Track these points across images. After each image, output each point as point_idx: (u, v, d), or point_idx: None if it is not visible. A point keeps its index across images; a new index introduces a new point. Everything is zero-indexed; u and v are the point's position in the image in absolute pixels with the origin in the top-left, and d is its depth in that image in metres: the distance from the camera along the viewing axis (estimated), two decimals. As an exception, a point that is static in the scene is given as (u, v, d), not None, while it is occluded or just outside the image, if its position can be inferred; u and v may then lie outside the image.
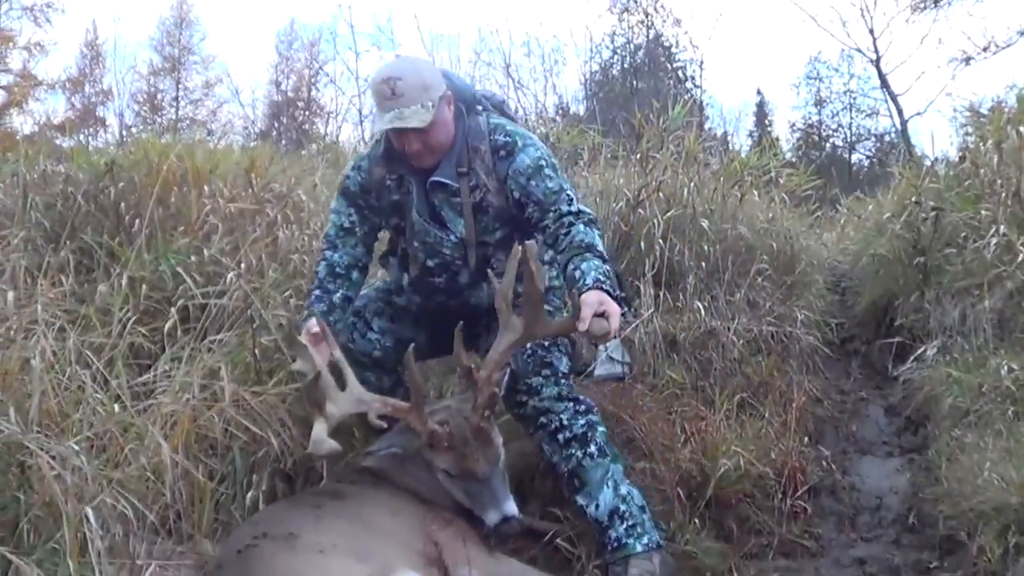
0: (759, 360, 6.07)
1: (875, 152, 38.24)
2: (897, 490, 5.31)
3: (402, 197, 4.46)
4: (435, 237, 4.42)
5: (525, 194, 4.32)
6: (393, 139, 4.32)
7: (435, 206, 4.40)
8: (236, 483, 4.22)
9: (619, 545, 4.15)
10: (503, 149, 4.39)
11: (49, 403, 3.66)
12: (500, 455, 3.96)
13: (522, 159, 4.35)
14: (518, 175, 4.33)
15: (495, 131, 4.44)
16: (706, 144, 8.26)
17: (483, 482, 3.86)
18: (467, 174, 4.36)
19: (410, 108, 4.11)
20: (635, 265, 6.55)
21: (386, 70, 4.30)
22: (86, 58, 39.68)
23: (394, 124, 4.13)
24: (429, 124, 4.15)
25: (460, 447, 3.88)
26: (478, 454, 3.87)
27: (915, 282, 6.92)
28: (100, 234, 5.34)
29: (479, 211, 4.40)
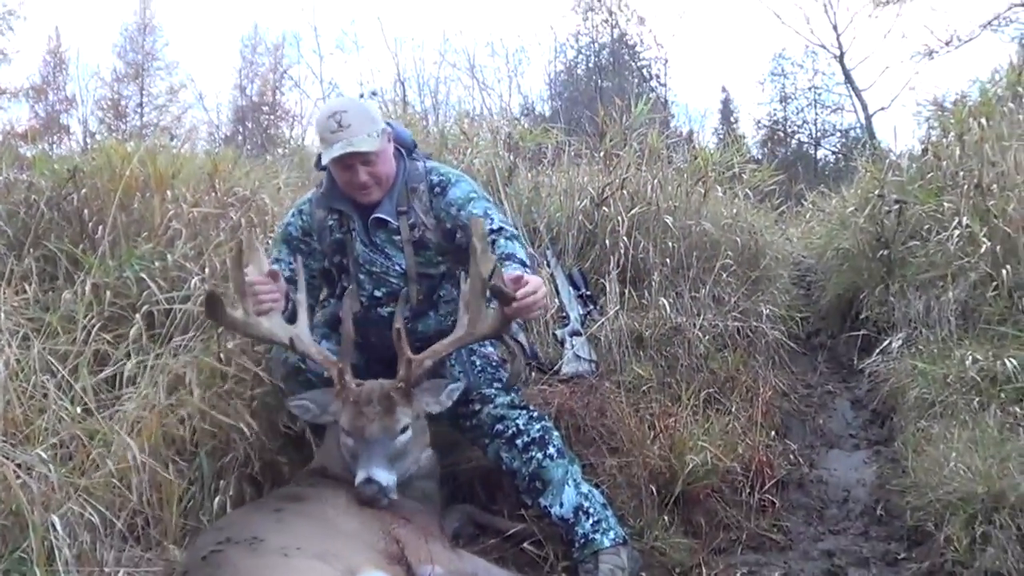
0: (725, 356, 6.10)
1: (840, 147, 38.33)
2: (864, 482, 5.33)
3: (344, 235, 4.56)
4: (381, 266, 4.55)
5: (455, 223, 4.49)
6: (338, 175, 4.43)
7: (376, 243, 4.55)
8: (204, 488, 4.21)
9: (587, 541, 4.17)
10: (438, 187, 4.60)
11: (14, 411, 3.67)
12: (397, 429, 3.96)
13: (454, 192, 4.56)
14: (450, 206, 4.52)
15: (431, 172, 4.66)
16: (670, 142, 8.24)
17: (367, 443, 3.90)
18: (406, 212, 4.54)
19: (358, 136, 4.27)
20: (600, 263, 6.59)
21: (330, 107, 4.44)
22: (49, 65, 39.46)
23: (346, 149, 4.24)
24: (377, 151, 4.34)
25: (362, 404, 3.96)
26: (374, 415, 3.93)
27: (879, 275, 7.00)
28: (64, 241, 5.30)
29: (420, 247, 4.56)
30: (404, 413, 3.99)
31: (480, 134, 8.00)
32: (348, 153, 4.24)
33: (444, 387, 4.17)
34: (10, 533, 3.31)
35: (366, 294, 4.54)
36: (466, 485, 4.84)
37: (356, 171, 4.32)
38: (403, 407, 4.00)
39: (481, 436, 4.43)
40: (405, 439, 3.98)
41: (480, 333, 4.08)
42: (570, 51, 37.03)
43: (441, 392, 4.15)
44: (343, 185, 4.44)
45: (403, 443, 3.98)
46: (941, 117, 9.07)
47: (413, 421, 4.02)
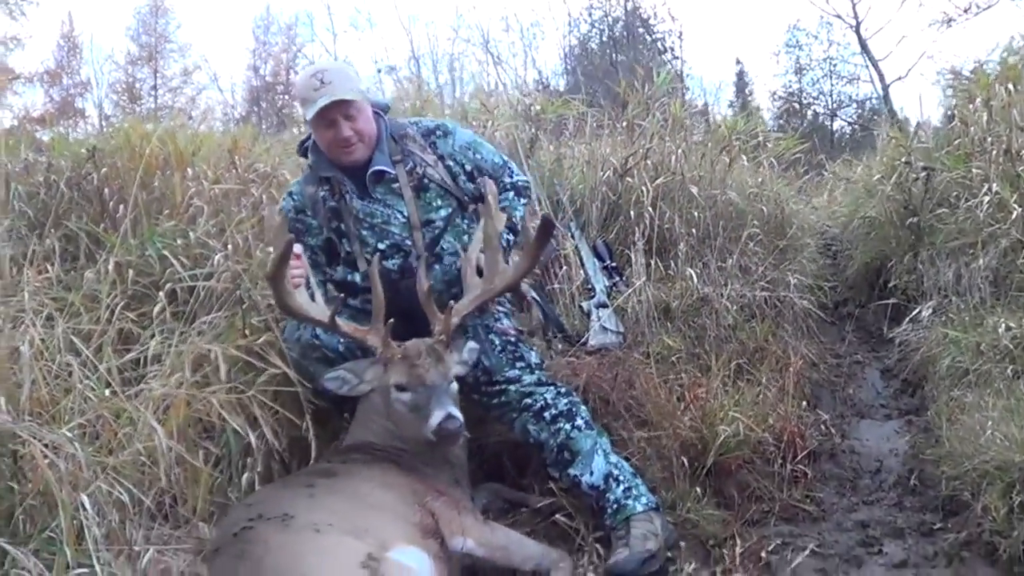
0: (753, 326, 6.04)
1: (857, 118, 38.12)
2: (897, 452, 5.27)
3: (338, 202, 4.57)
4: (382, 215, 4.57)
5: (476, 167, 4.69)
6: (322, 136, 4.50)
7: (376, 198, 4.58)
8: (231, 466, 4.18)
9: (619, 507, 4.18)
10: (438, 130, 4.75)
11: (40, 391, 3.63)
12: (451, 374, 4.03)
13: (461, 136, 4.77)
14: (465, 150, 4.71)
15: (417, 122, 4.83)
16: (689, 113, 8.17)
17: (430, 389, 3.93)
18: (401, 160, 4.60)
19: (340, 90, 4.35)
20: (625, 234, 6.53)
21: (311, 69, 4.61)
22: (63, 50, 39.46)
23: (331, 98, 4.30)
24: (359, 106, 4.44)
25: (413, 358, 4.01)
26: (429, 365, 3.98)
27: (907, 243, 6.92)
28: (84, 221, 5.28)
29: (421, 189, 4.61)
30: (449, 358, 4.06)
31: (500, 107, 7.91)
32: (332, 103, 4.30)
33: (464, 345, 4.22)
34: (39, 513, 3.27)
35: (370, 249, 4.53)
36: (494, 459, 4.82)
37: (339, 126, 4.39)
38: (447, 354, 4.06)
39: (508, 412, 4.43)
40: (455, 388, 4.04)
41: (500, 286, 4.19)
42: (583, 25, 36.86)
43: (463, 351, 4.20)
44: (327, 146, 4.50)
45: (455, 391, 4.03)
46: (963, 84, 8.96)
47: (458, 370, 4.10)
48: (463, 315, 4.20)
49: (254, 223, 5.21)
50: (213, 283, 4.79)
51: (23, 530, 3.24)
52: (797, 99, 39.87)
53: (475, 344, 4.26)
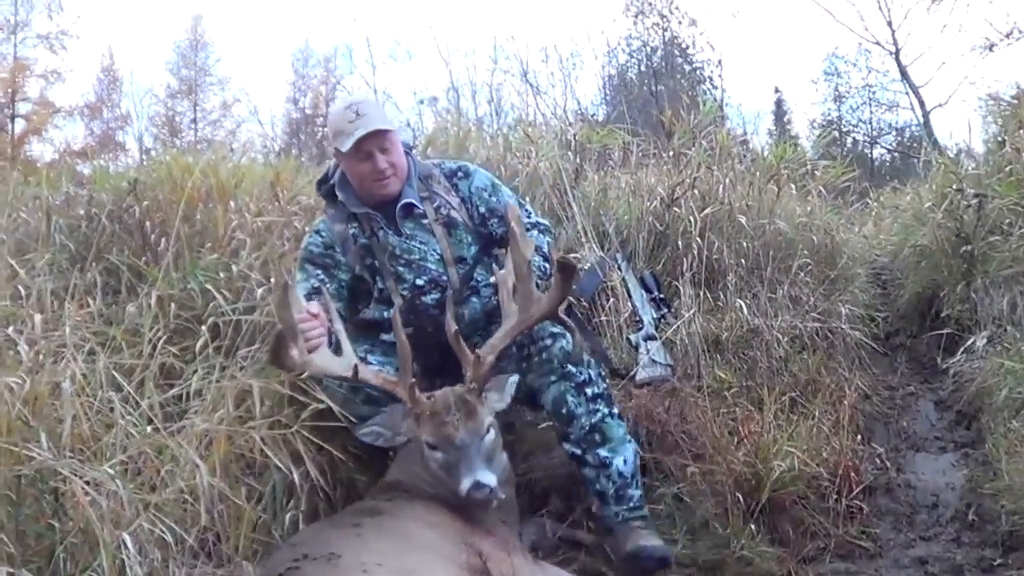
0: (805, 358, 5.93)
1: (897, 146, 38.03)
2: (954, 486, 5.14)
3: (369, 240, 4.56)
4: (419, 252, 4.56)
5: (489, 209, 4.68)
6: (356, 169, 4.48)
7: (407, 233, 4.56)
8: (275, 503, 4.09)
9: (637, 506, 4.27)
10: (459, 171, 4.78)
11: (81, 427, 3.56)
12: (483, 429, 3.87)
13: (479, 179, 4.76)
14: (481, 191, 4.71)
15: (441, 163, 4.87)
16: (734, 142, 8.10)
17: (460, 449, 3.79)
18: (428, 197, 4.63)
19: (376, 121, 4.37)
20: (673, 265, 6.44)
21: (344, 101, 4.75)
22: (103, 83, 39.88)
23: (368, 128, 4.31)
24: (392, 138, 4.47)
25: (442, 415, 3.87)
26: (458, 423, 3.83)
27: (960, 271, 6.79)
28: (126, 254, 5.25)
29: (449, 226, 4.61)
30: (484, 413, 3.91)
31: (544, 136, 7.84)
32: (370, 136, 4.29)
33: (506, 383, 4.09)
34: (80, 552, 3.20)
35: (407, 285, 4.51)
36: (541, 495, 4.75)
37: (376, 158, 4.39)
38: (481, 407, 3.92)
39: (548, 372, 4.33)
40: (492, 439, 3.89)
41: (535, 316, 4.05)
42: (622, 55, 36.95)
43: (504, 388, 4.08)
44: (361, 179, 4.48)
45: (490, 443, 3.88)
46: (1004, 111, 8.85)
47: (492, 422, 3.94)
48: (498, 351, 4.09)
49: (296, 256, 5.14)
50: (255, 316, 4.72)
51: (64, 570, 3.17)
52: (836, 127, 39.81)
53: (515, 377, 4.15)
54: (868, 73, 39.86)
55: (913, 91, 32.96)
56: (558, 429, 4.39)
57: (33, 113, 33.26)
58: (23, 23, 33.59)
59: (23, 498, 3.24)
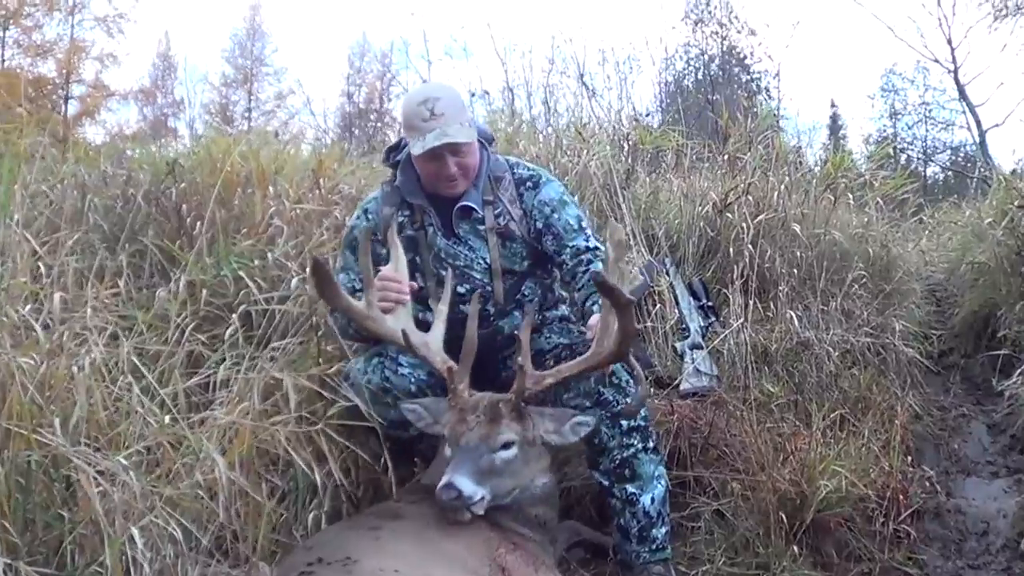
0: (855, 373, 5.77)
1: (951, 164, 37.82)
2: (1006, 513, 4.97)
3: (416, 232, 4.38)
4: (465, 259, 4.38)
5: (546, 224, 4.39)
6: (424, 167, 4.27)
7: (459, 235, 4.38)
8: (297, 502, 3.96)
9: (660, 547, 4.12)
10: (529, 181, 4.49)
11: (98, 414, 3.45)
12: (497, 442, 3.67)
13: (547, 191, 4.45)
14: (543, 205, 4.41)
15: (516, 166, 4.56)
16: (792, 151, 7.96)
17: (460, 449, 3.64)
18: (492, 202, 4.40)
19: (452, 126, 4.11)
20: (722, 272, 6.32)
21: (421, 93, 4.31)
22: (158, 69, 40.17)
23: (441, 140, 4.07)
24: (470, 142, 4.23)
25: (467, 412, 3.74)
26: (474, 424, 3.69)
27: (1019, 291, 6.66)
28: (160, 237, 5.14)
29: (505, 237, 4.40)
30: (509, 428, 3.71)
31: (596, 136, 7.70)
32: (442, 145, 4.07)
33: (569, 418, 3.86)
34: (89, 543, 3.10)
35: (447, 293, 4.28)
36: (576, 503, 4.63)
37: (446, 162, 4.16)
38: (510, 422, 3.72)
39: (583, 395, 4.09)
40: (506, 456, 3.69)
41: (607, 356, 3.78)
42: (679, 62, 36.84)
43: (565, 423, 3.84)
44: (428, 177, 4.28)
45: (502, 460, 3.68)
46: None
47: (521, 442, 3.73)
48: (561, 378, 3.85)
49: (335, 246, 5.00)
50: (289, 307, 4.61)
51: (71, 562, 3.07)
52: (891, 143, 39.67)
53: (587, 419, 3.88)
54: (925, 91, 39.74)
55: (970, 110, 32.72)
56: (588, 456, 4.25)
57: (87, 95, 33.49)
58: (81, 4, 33.82)
59: (33, 485, 3.14)
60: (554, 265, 4.47)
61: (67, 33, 33.76)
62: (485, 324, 4.22)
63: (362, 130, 34.83)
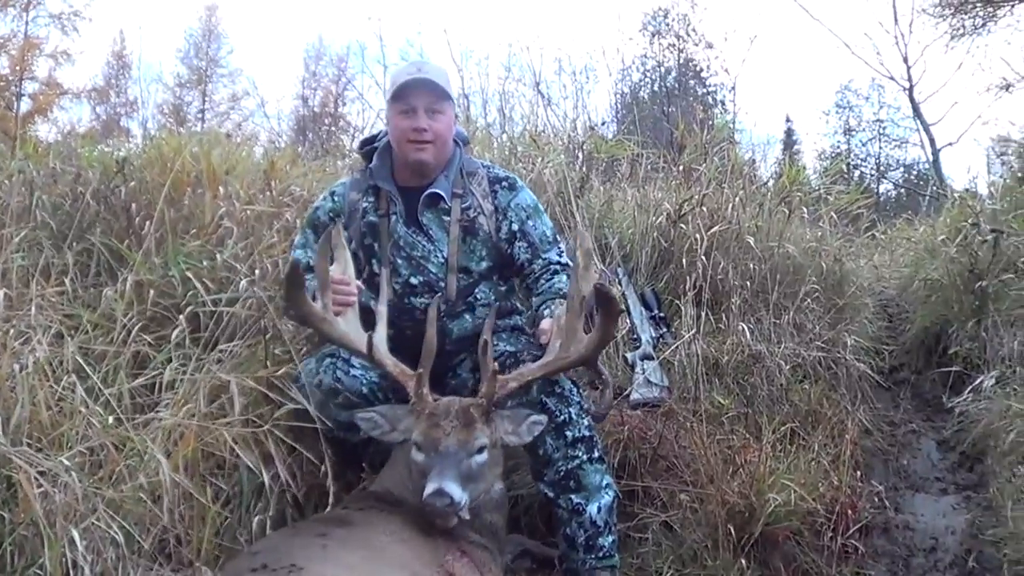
0: (806, 387, 5.76)
1: (904, 182, 38.10)
2: (954, 530, 4.97)
3: (380, 218, 4.35)
4: (423, 250, 4.34)
5: (521, 231, 4.44)
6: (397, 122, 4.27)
7: (423, 224, 4.35)
8: (242, 506, 3.92)
9: (607, 555, 4.08)
10: (505, 181, 4.53)
11: (41, 414, 3.42)
12: (473, 446, 3.63)
13: (524, 196, 4.52)
14: (520, 210, 4.46)
15: (491, 167, 4.64)
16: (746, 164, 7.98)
17: (440, 455, 3.56)
18: (461, 195, 4.41)
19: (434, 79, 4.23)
20: (675, 283, 6.30)
21: (413, 63, 4.51)
22: (112, 68, 39.88)
23: (418, 75, 4.21)
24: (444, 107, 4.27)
25: (439, 417, 3.66)
26: (451, 430, 3.62)
27: (971, 308, 6.65)
28: (109, 236, 5.07)
29: (468, 233, 4.39)
30: (483, 432, 3.67)
31: (551, 143, 7.69)
32: (420, 83, 4.19)
33: (525, 418, 3.84)
34: (30, 545, 3.08)
35: (401, 280, 4.30)
36: (524, 513, 4.58)
37: (419, 115, 4.20)
38: (482, 425, 3.68)
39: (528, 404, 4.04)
40: (481, 460, 3.65)
41: (574, 358, 3.80)
42: (635, 73, 36.94)
43: (522, 423, 3.83)
44: (399, 136, 4.27)
45: (478, 464, 3.64)
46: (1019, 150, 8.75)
47: (490, 446, 3.70)
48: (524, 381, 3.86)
49: (285, 248, 4.96)
50: (237, 309, 4.55)
51: (10, 563, 3.04)
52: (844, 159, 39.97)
53: (541, 418, 3.88)
54: (880, 108, 40.07)
55: (924, 128, 32.82)
56: (533, 468, 4.22)
57: (40, 93, 33.18)
58: (36, 1, 33.50)
59: None
60: (517, 272, 4.46)
61: (21, 30, 33.46)
62: (437, 318, 4.17)
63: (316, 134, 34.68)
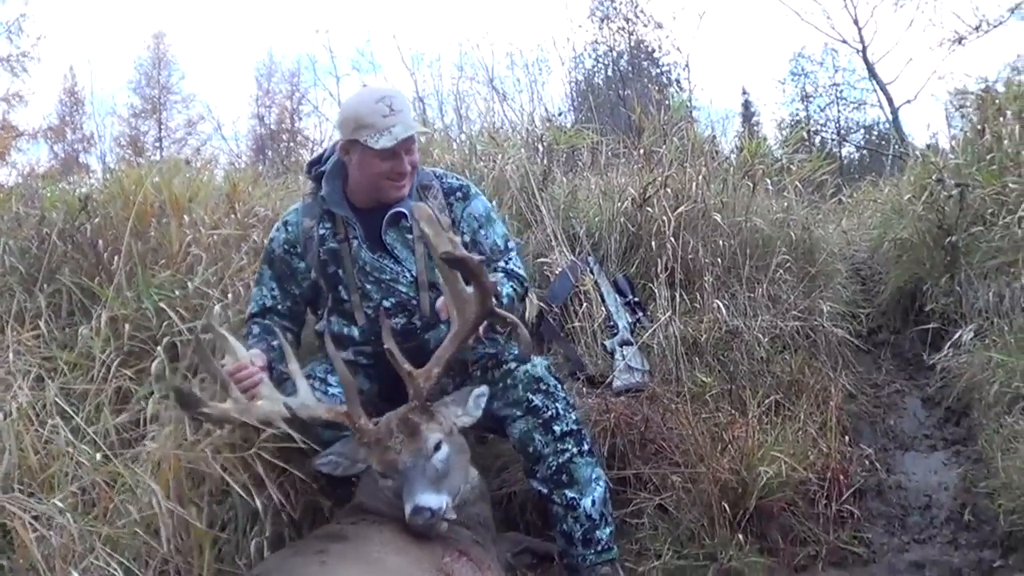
0: (786, 358, 5.77)
1: (865, 143, 38.20)
2: (947, 486, 5.01)
3: (340, 244, 4.30)
4: (391, 273, 4.30)
5: (473, 240, 4.38)
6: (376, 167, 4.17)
7: (387, 245, 4.29)
8: (238, 530, 3.92)
9: (605, 548, 4.07)
10: (459, 191, 4.47)
11: (29, 459, 3.42)
12: (428, 449, 3.62)
13: (476, 205, 4.46)
14: (472, 219, 4.42)
15: (444, 176, 4.56)
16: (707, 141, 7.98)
17: (402, 474, 3.57)
18: None
19: (411, 121, 4.14)
20: (646, 267, 6.30)
21: (375, 92, 4.28)
22: (66, 105, 39.73)
23: (409, 132, 4.08)
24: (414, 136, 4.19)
25: (384, 440, 3.66)
26: (400, 446, 3.61)
27: (943, 264, 6.65)
28: (79, 275, 5.05)
29: None
30: (431, 430, 3.67)
31: (510, 139, 7.69)
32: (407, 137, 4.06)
33: (469, 394, 3.88)
34: None
35: (372, 304, 4.26)
36: (519, 512, 4.62)
37: (401, 159, 4.12)
38: (427, 424, 3.68)
39: (514, 404, 4.11)
40: (443, 456, 3.65)
41: (473, 318, 3.79)
42: (588, 60, 36.95)
43: (467, 401, 3.87)
44: (375, 179, 4.19)
45: (442, 461, 3.64)
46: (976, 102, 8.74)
47: (446, 436, 3.70)
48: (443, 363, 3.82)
49: (255, 271, 4.95)
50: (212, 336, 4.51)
51: None
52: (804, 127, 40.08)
53: (482, 389, 3.92)
54: (835, 72, 40.13)
55: (881, 88, 33.03)
56: (524, 465, 4.21)
57: (-5, 137, 33.07)
58: (-18, 46, 33.37)
59: None
60: None
61: (-30, 76, 33.33)
62: (411, 337, 4.19)
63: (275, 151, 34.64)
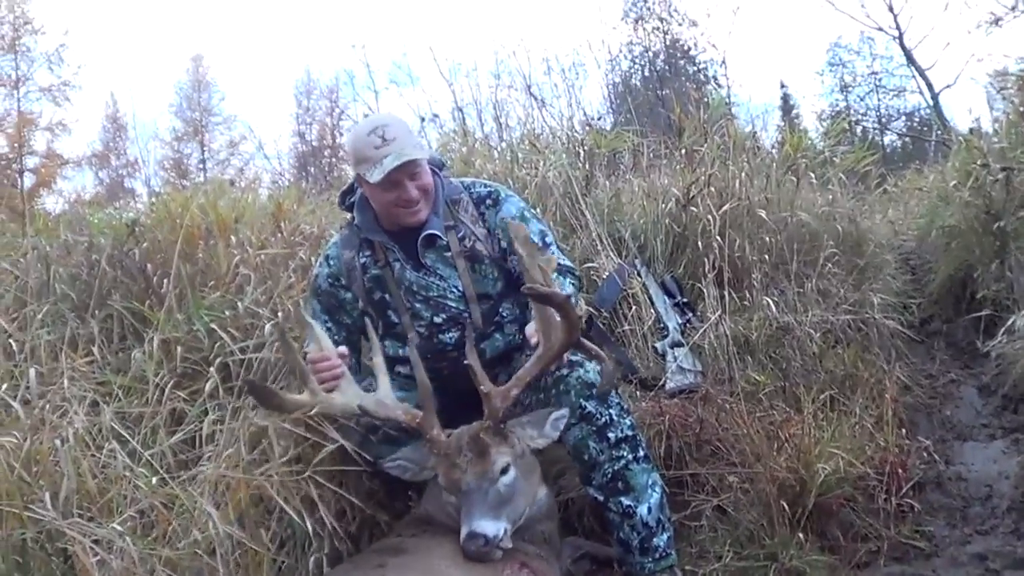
0: (839, 352, 5.71)
1: (907, 130, 37.93)
2: (1007, 475, 4.93)
3: (382, 270, 4.33)
4: (438, 290, 4.30)
5: (510, 243, 4.12)
6: (382, 197, 4.19)
7: (427, 265, 4.30)
8: (297, 548, 3.92)
9: (663, 555, 4.04)
10: (488, 199, 4.44)
11: (87, 484, 3.44)
12: (495, 472, 3.62)
13: (508, 207, 4.40)
14: (505, 224, 4.26)
15: (472, 186, 4.51)
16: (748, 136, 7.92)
17: (464, 495, 3.58)
18: (454, 227, 4.34)
19: (406, 148, 4.06)
20: (694, 267, 6.27)
21: (367, 124, 4.24)
22: (109, 132, 40.10)
23: (399, 160, 4.01)
24: (421, 162, 4.14)
25: (453, 456, 3.65)
26: (466, 465, 3.61)
27: (992, 250, 6.60)
28: (129, 299, 5.08)
29: (474, 260, 4.34)
30: (500, 453, 3.66)
31: (551, 146, 7.68)
32: (400, 166, 3.99)
33: (547, 416, 3.84)
34: None
35: (424, 323, 4.28)
36: (576, 517, 4.58)
37: (405, 186, 4.09)
38: (498, 447, 3.67)
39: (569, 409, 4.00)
40: (508, 480, 3.64)
41: (558, 346, 3.74)
42: (624, 62, 36.91)
43: (545, 423, 3.83)
44: (387, 207, 4.20)
45: (507, 486, 3.63)
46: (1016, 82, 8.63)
47: (516, 459, 3.68)
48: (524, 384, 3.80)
49: (303, 288, 4.96)
50: (265, 353, 4.55)
51: None
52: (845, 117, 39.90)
53: (563, 412, 3.88)
54: (873, 60, 39.89)
55: (920, 74, 32.81)
56: (580, 472, 4.18)
57: (41, 166, 33.41)
58: (25, 77, 33.75)
59: (31, 562, 3.14)
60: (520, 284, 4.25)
61: (14, 107, 33.68)
62: (462, 351, 4.10)
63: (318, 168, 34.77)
